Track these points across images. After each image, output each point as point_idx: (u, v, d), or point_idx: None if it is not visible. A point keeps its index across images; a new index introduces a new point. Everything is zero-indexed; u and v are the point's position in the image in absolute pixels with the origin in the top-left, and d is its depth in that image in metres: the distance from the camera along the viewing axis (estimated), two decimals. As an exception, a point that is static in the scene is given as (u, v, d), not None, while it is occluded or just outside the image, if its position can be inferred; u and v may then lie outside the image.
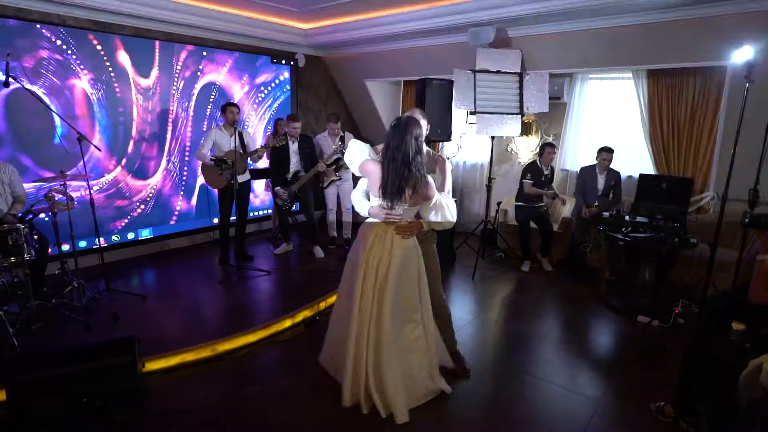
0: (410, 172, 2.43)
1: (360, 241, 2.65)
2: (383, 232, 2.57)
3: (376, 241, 2.57)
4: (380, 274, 2.54)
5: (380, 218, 2.56)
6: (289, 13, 5.59)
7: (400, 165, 2.43)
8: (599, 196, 4.79)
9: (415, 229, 2.59)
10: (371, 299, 2.54)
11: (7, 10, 4.11)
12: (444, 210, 2.60)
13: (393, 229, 2.55)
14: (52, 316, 3.48)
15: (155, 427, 2.48)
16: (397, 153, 2.43)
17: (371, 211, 2.59)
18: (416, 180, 2.45)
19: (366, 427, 2.51)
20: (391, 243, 2.55)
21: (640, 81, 5.00)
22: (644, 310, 3.99)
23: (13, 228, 3.08)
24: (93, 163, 4.79)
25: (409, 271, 2.61)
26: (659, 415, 2.64)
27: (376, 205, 2.57)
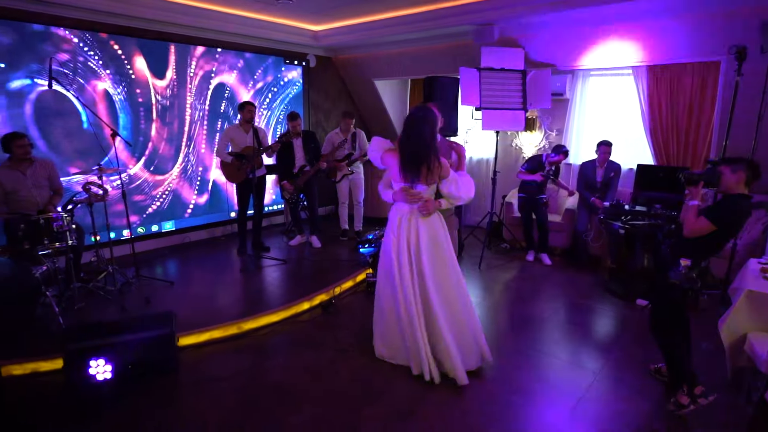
0: (425, 152, 2.74)
1: (389, 226, 2.95)
2: (408, 213, 2.86)
3: (402, 221, 2.86)
4: (413, 251, 2.83)
5: (403, 199, 2.84)
6: (301, 15, 5.85)
7: (416, 147, 2.75)
8: (598, 188, 4.99)
9: (432, 207, 2.85)
10: (410, 276, 2.81)
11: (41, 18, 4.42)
12: (459, 184, 2.87)
13: (414, 208, 2.83)
14: (91, 298, 3.79)
15: (190, 392, 2.75)
16: (412, 137, 2.76)
17: (395, 195, 2.88)
18: (430, 160, 2.75)
19: (378, 392, 2.76)
20: (416, 222, 2.84)
21: (639, 77, 5.21)
22: (643, 294, 4.20)
23: (57, 215, 3.37)
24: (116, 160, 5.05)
25: (442, 249, 2.87)
26: (657, 374, 2.97)
27: (399, 188, 2.85)
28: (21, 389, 2.70)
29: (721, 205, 2.62)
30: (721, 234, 2.60)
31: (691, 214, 2.63)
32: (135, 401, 2.63)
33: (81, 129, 4.80)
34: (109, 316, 3.56)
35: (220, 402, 2.66)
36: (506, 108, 5.24)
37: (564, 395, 2.78)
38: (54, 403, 2.61)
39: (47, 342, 3.04)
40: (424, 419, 2.54)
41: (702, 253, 2.67)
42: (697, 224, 2.59)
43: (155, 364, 2.83)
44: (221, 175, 5.98)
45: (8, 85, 4.27)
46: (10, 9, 4.17)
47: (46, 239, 3.36)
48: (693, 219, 2.61)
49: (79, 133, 4.78)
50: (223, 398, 2.70)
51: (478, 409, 2.64)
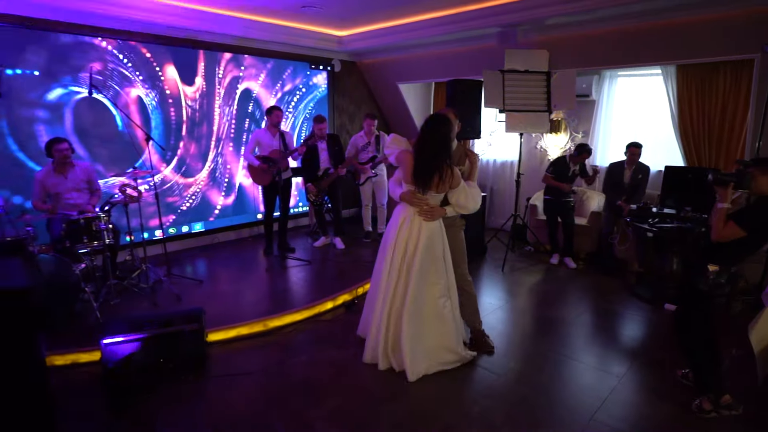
0: (438, 162, 2.79)
1: (391, 221, 3.03)
2: (412, 214, 2.92)
3: (405, 221, 2.93)
4: (409, 251, 2.91)
5: (410, 202, 2.91)
6: (326, 21, 5.97)
7: (430, 156, 2.79)
8: (625, 190, 4.90)
9: (437, 214, 2.93)
10: (398, 271, 2.92)
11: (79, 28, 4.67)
12: (468, 195, 2.92)
13: (418, 212, 2.90)
14: (126, 295, 3.98)
15: (219, 386, 2.86)
16: (427, 145, 2.80)
17: (402, 195, 2.95)
18: (443, 170, 2.79)
19: (399, 389, 2.80)
20: (419, 224, 2.91)
21: (669, 77, 5.10)
22: (672, 299, 4.11)
23: (96, 216, 3.56)
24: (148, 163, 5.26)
25: (435, 250, 2.94)
26: (684, 379, 2.90)
27: (407, 189, 2.91)
28: (61, 379, 2.86)
29: (752, 210, 2.51)
30: (752, 240, 2.49)
31: (718, 218, 2.51)
32: (167, 393, 2.76)
33: (116, 134, 5.03)
34: (143, 312, 3.73)
35: (247, 395, 2.76)
36: (530, 110, 5.22)
37: (586, 398, 2.76)
38: (91, 392, 2.76)
39: (86, 335, 3.21)
40: (443, 417, 2.57)
41: (731, 259, 2.57)
42: (725, 229, 2.47)
43: (186, 358, 2.95)
44: (246, 178, 6.17)
45: (48, 93, 4.51)
46: (51, 21, 4.41)
47: (85, 238, 3.55)
48: (721, 223, 2.49)
49: (114, 138, 5.02)
50: (250, 392, 2.79)
51: (500, 410, 2.65)
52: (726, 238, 2.48)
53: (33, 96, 4.41)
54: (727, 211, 2.52)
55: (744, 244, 2.50)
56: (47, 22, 4.39)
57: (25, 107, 4.38)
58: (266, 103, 6.33)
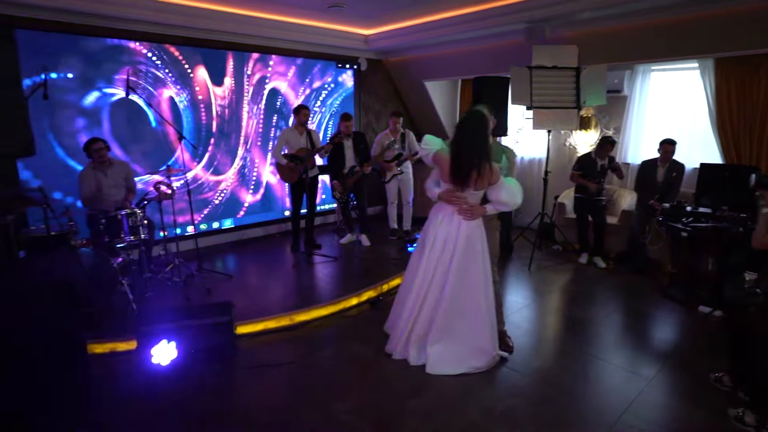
0: (476, 159, 2.76)
1: (430, 220, 3.03)
2: (451, 213, 2.91)
3: (444, 220, 2.92)
4: (447, 250, 2.89)
5: (448, 201, 2.89)
6: (352, 20, 6.03)
7: (467, 153, 2.77)
8: (658, 189, 4.76)
9: (478, 212, 2.90)
10: (433, 270, 2.90)
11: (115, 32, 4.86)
12: (509, 192, 2.87)
13: (457, 211, 2.88)
14: (160, 288, 4.14)
15: (247, 376, 2.95)
16: (464, 143, 2.79)
17: (441, 195, 2.94)
18: (481, 167, 2.77)
19: (423, 385, 2.82)
20: (458, 223, 2.89)
21: (707, 71, 4.92)
22: (706, 300, 3.98)
23: (133, 212, 3.72)
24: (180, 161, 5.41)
25: (474, 248, 2.91)
26: (718, 383, 2.78)
27: (445, 189, 2.90)
28: (100, 366, 3.01)
29: None
30: None
31: (761, 223, 2.36)
32: (198, 382, 2.86)
33: (150, 133, 5.22)
34: (175, 304, 3.87)
35: (275, 387, 2.84)
36: (558, 106, 5.13)
37: (613, 399, 2.71)
38: (126, 379, 2.89)
39: (123, 325, 3.36)
40: (467, 414, 2.58)
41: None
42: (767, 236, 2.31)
43: (216, 349, 3.05)
44: (273, 176, 6.30)
45: (87, 95, 4.72)
46: (89, 26, 4.60)
47: (122, 233, 3.71)
48: (763, 230, 2.33)
49: (148, 137, 5.21)
50: (277, 384, 2.87)
51: (524, 409, 2.63)
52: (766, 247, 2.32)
53: (73, 98, 4.63)
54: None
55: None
56: (85, 27, 4.59)
57: (66, 109, 4.60)
58: (293, 101, 6.44)
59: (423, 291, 2.95)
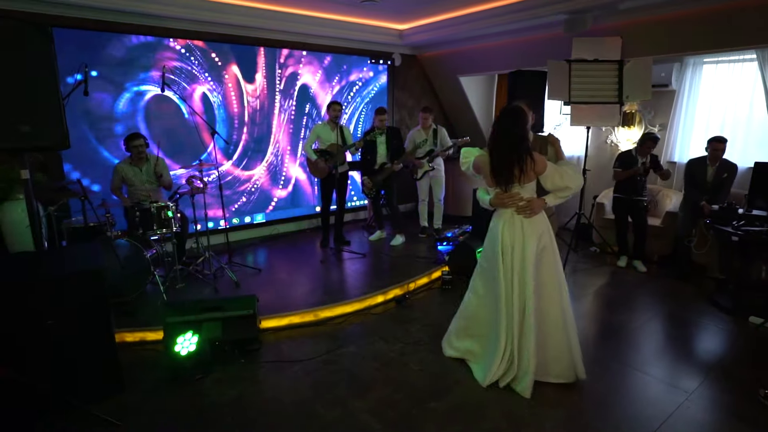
0: (514, 154, 2.60)
1: (491, 233, 2.83)
2: (511, 218, 2.71)
3: (506, 227, 2.71)
4: (516, 258, 2.65)
5: (501, 204, 2.73)
6: (386, 15, 5.96)
7: (506, 150, 2.62)
8: (708, 190, 4.45)
9: (537, 206, 2.67)
10: (512, 285, 2.66)
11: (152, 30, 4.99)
12: (563, 174, 2.66)
13: (516, 211, 2.69)
14: (190, 280, 4.24)
15: (270, 369, 2.97)
16: (502, 140, 2.64)
17: (493, 201, 2.77)
18: (523, 159, 2.60)
19: (447, 387, 2.75)
20: (521, 226, 2.68)
21: (765, 62, 4.54)
22: (758, 310, 3.69)
23: (165, 204, 3.83)
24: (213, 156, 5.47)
25: (548, 253, 2.71)
26: (766, 400, 2.58)
27: (494, 194, 2.76)
28: (131, 354, 3.11)
29: None
30: None
31: None
32: (221, 373, 2.90)
33: (184, 129, 5.34)
34: (202, 296, 3.95)
35: (295, 382, 2.83)
36: (598, 102, 4.88)
37: (649, 412, 2.54)
38: (154, 367, 2.97)
39: (153, 315, 3.45)
40: (490, 420, 2.48)
41: None
42: None
43: (240, 342, 3.09)
44: (303, 172, 6.33)
45: (124, 91, 4.88)
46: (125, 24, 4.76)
47: (155, 225, 3.82)
48: None
49: (182, 132, 5.33)
50: (298, 379, 2.87)
51: (552, 417, 2.51)
52: None
53: (111, 94, 4.80)
54: None
55: None
56: (122, 25, 4.74)
57: (104, 104, 4.78)
58: (324, 97, 6.45)
59: (512, 316, 2.67)
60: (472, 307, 3.00)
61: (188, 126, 5.32)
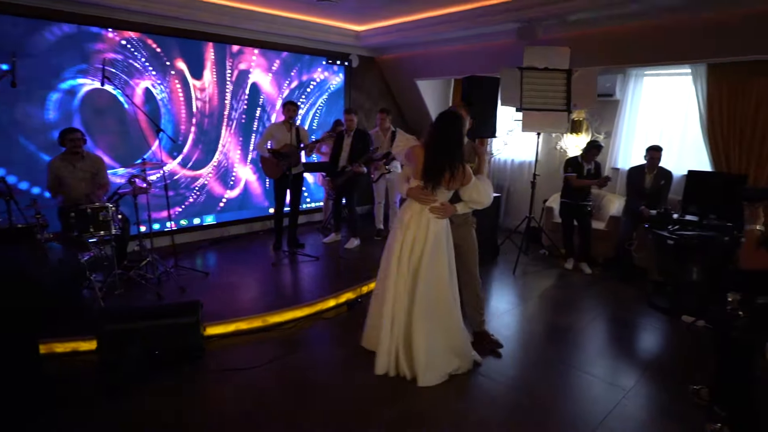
0: (450, 159, 2.69)
1: (397, 221, 2.92)
2: (419, 212, 2.82)
3: (413, 219, 2.82)
4: (416, 252, 2.80)
5: (416, 198, 2.81)
6: (344, 15, 5.91)
7: (441, 153, 2.70)
8: (647, 196, 4.69)
9: (448, 211, 2.83)
10: (406, 274, 2.80)
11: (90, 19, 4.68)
12: (480, 191, 2.82)
13: (428, 209, 2.80)
14: (131, 285, 4.01)
15: (213, 380, 2.85)
16: (439, 142, 2.71)
17: (410, 192, 2.84)
18: (455, 167, 2.70)
19: (394, 393, 2.73)
20: (426, 223, 2.80)
21: (699, 77, 4.85)
22: (690, 310, 3.90)
23: (104, 206, 3.60)
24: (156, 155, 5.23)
25: (441, 251, 2.83)
26: (695, 396, 2.70)
27: (415, 186, 2.81)
28: (61, 366, 2.90)
29: None
30: None
31: (747, 242, 2.17)
32: (160, 385, 2.75)
33: (125, 126, 5.06)
34: (145, 303, 3.75)
35: (238, 392, 2.73)
36: (548, 109, 5.04)
37: (589, 411, 2.62)
38: (87, 380, 2.77)
39: (87, 324, 3.23)
40: (439, 424, 2.49)
41: (760, 289, 2.18)
42: (756, 257, 2.10)
43: (181, 351, 2.94)
44: (251, 173, 6.15)
45: (60, 84, 4.56)
46: (61, 12, 4.45)
47: (91, 228, 3.58)
48: (750, 248, 2.13)
49: (123, 129, 5.05)
50: (241, 388, 2.76)
51: (497, 419, 2.54)
52: (755, 266, 2.13)
53: (43, 86, 4.48)
54: (761, 235, 2.13)
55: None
56: (57, 13, 4.43)
57: (35, 97, 4.46)
58: (276, 96, 6.29)
59: (398, 296, 2.83)
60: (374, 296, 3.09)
61: (130, 123, 5.04)
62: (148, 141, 5.19)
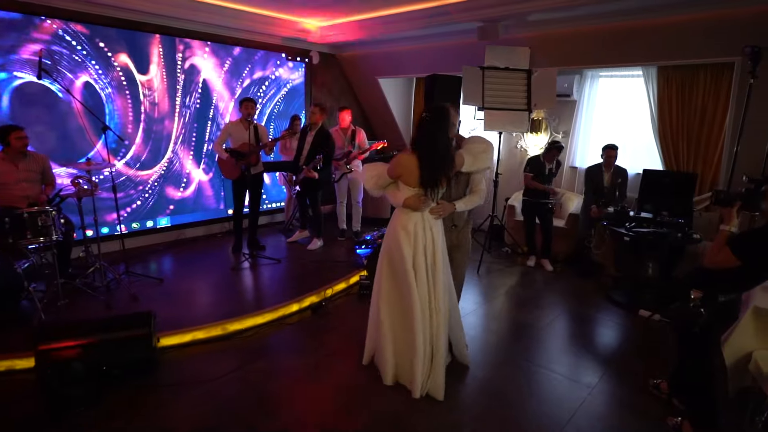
0: (445, 162, 2.60)
1: (399, 232, 2.67)
2: (422, 219, 2.68)
3: (418, 228, 2.66)
4: (428, 259, 2.68)
5: (416, 207, 2.65)
6: (304, 11, 5.75)
7: (437, 158, 2.57)
8: (606, 194, 4.82)
9: (448, 209, 2.75)
10: (426, 284, 2.66)
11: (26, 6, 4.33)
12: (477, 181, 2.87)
13: (430, 210, 2.69)
14: (76, 295, 3.73)
15: (167, 395, 2.66)
16: (432, 146, 2.57)
17: (408, 202, 2.65)
18: (450, 168, 2.63)
19: (363, 400, 2.65)
20: (430, 226, 2.69)
21: (650, 78, 5.03)
22: (647, 304, 4.04)
23: (42, 210, 3.31)
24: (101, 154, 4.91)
25: (445, 250, 2.81)
26: (655, 390, 2.76)
27: (412, 195, 2.65)
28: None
29: (754, 237, 2.11)
30: (753, 270, 2.13)
31: (717, 241, 2.16)
32: (109, 403, 2.55)
33: (66, 122, 4.70)
34: (92, 314, 3.49)
35: (195, 406, 2.57)
36: (510, 108, 5.09)
37: (555, 411, 2.64)
38: (25, 402, 2.54)
39: (25, 339, 2.96)
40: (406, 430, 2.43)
41: (721, 287, 2.25)
42: (720, 255, 2.10)
43: (132, 366, 2.74)
44: (203, 174, 5.90)
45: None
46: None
47: (29, 234, 3.29)
48: (717, 248, 2.13)
49: (63, 127, 4.68)
50: (199, 402, 2.60)
51: (466, 425, 2.51)
52: (718, 265, 2.14)
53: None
54: (729, 236, 2.16)
55: (738, 274, 2.14)
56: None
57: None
58: (230, 93, 6.03)
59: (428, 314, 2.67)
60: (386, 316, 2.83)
61: (68, 120, 4.67)
62: (90, 140, 4.83)
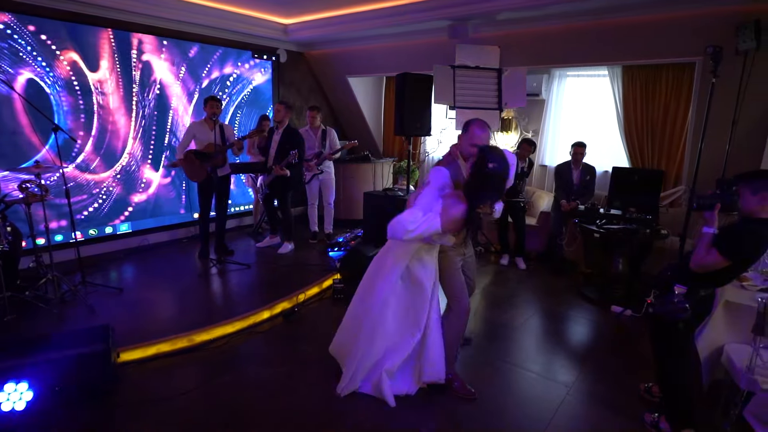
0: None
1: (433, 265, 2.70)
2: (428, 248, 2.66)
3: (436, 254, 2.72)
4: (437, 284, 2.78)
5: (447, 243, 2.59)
6: (270, 7, 5.58)
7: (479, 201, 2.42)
8: (575, 191, 4.88)
9: None
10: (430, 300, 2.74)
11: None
12: None
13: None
14: (26, 308, 3.46)
15: (129, 415, 2.48)
16: (485, 195, 2.42)
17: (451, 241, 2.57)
18: None
19: (342, 411, 2.54)
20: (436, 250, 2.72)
21: (615, 78, 5.13)
22: (618, 300, 4.10)
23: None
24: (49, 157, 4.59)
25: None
26: (647, 394, 2.76)
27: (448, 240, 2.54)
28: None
29: (739, 234, 2.12)
30: (735, 266, 2.17)
31: (703, 243, 2.16)
32: (63, 428, 2.35)
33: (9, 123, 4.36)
34: (43, 329, 3.23)
35: (161, 426, 2.40)
36: (481, 107, 5.08)
37: (535, 412, 2.61)
38: (-33, 431, 2.31)
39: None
40: (384, 442, 2.34)
41: (704, 282, 2.25)
42: (708, 257, 2.12)
43: (88, 386, 2.54)
44: (161, 176, 5.64)
45: None
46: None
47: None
48: (704, 250, 2.14)
49: (5, 128, 4.35)
50: (164, 422, 2.43)
51: (446, 427, 2.44)
52: (707, 268, 2.15)
53: None
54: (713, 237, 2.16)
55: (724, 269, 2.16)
56: None
57: None
58: (191, 91, 5.79)
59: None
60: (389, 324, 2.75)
61: (11, 120, 4.34)
62: (32, 141, 4.49)
